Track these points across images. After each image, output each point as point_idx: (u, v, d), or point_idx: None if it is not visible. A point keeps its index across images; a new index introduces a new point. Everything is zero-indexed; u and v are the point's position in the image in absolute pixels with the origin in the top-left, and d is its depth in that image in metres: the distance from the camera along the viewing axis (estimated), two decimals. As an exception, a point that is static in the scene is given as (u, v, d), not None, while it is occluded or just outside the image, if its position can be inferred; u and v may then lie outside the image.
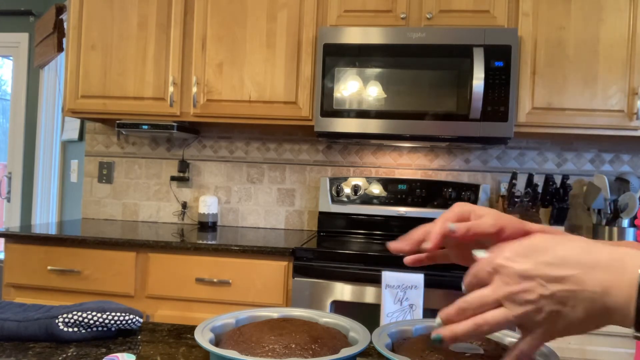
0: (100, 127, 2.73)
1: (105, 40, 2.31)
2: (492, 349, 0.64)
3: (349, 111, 2.07)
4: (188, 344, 0.83)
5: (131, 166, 2.70)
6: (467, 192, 2.30)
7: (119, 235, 2.05)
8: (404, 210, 2.34)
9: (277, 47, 2.20)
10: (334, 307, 1.83)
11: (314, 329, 0.67)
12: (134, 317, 0.86)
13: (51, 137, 3.19)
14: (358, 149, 2.52)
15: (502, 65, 1.98)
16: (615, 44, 2.02)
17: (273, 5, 2.20)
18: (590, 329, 0.45)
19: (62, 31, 2.74)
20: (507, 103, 1.98)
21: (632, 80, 2.01)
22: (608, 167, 2.36)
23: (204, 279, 1.93)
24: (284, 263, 1.90)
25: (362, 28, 2.07)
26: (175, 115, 2.27)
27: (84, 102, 2.33)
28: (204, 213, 2.49)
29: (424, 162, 2.47)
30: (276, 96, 2.20)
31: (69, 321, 0.81)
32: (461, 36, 2.01)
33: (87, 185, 2.73)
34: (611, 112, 2.02)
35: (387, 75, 2.04)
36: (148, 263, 1.97)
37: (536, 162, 2.41)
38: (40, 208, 3.20)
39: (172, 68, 2.26)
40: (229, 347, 0.63)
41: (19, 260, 2.03)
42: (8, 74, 4.31)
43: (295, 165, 2.57)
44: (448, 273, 1.77)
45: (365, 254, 1.83)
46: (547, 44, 2.05)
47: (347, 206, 2.38)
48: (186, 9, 2.27)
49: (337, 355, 0.59)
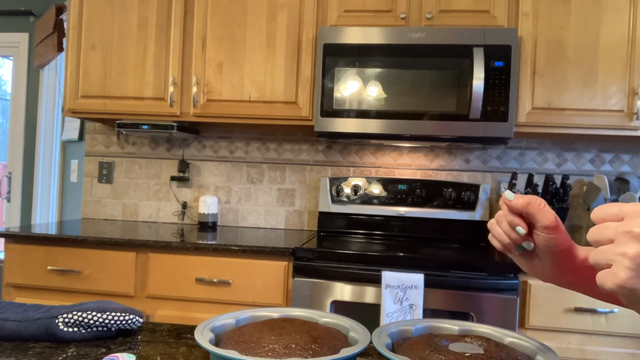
0: (100, 127, 2.73)
1: (105, 40, 2.31)
2: (492, 349, 0.64)
3: (349, 111, 2.07)
4: (188, 344, 0.83)
5: (131, 166, 2.70)
6: (467, 192, 2.30)
7: (119, 235, 2.05)
8: (404, 210, 2.34)
9: (277, 47, 2.20)
10: (334, 307, 1.83)
11: (314, 329, 0.67)
12: (134, 317, 0.86)
13: (51, 137, 3.19)
14: (358, 149, 2.52)
15: (502, 65, 1.98)
16: (615, 44, 2.02)
17: (273, 5, 2.20)
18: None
19: (62, 31, 2.74)
20: (507, 103, 1.98)
21: (632, 80, 2.01)
22: (608, 167, 2.36)
23: (204, 279, 1.93)
24: (284, 263, 1.90)
25: (362, 28, 2.07)
26: (175, 115, 2.27)
27: (84, 102, 2.33)
28: (204, 213, 2.49)
29: (424, 162, 2.47)
30: (276, 96, 2.20)
31: (69, 321, 0.81)
32: (461, 36, 2.01)
33: (87, 185, 2.73)
34: (611, 112, 2.02)
35: (387, 75, 2.04)
36: (148, 263, 1.97)
37: (536, 162, 2.41)
38: (40, 208, 3.20)
39: (172, 68, 2.26)
40: (229, 347, 0.63)
41: (19, 260, 2.03)
42: (8, 74, 4.31)
43: (295, 165, 2.57)
44: (448, 273, 1.77)
45: (365, 254, 1.83)
46: (547, 44, 2.05)
47: (347, 206, 2.38)
48: (186, 9, 2.27)
49: (337, 355, 0.59)
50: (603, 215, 0.49)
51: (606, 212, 0.49)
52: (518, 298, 1.74)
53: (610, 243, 0.47)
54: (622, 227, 0.46)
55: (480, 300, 1.74)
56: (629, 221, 0.47)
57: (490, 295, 1.74)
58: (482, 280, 1.75)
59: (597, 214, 0.50)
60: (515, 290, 1.74)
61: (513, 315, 1.73)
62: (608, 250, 0.47)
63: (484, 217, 2.29)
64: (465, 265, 1.77)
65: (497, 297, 1.74)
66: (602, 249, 0.48)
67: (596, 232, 0.49)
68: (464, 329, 0.73)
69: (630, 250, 0.45)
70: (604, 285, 0.47)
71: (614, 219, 0.48)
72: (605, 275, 0.47)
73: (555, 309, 1.75)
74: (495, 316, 1.74)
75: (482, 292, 1.75)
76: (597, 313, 1.74)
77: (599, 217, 0.50)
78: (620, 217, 0.48)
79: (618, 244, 0.46)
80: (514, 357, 0.62)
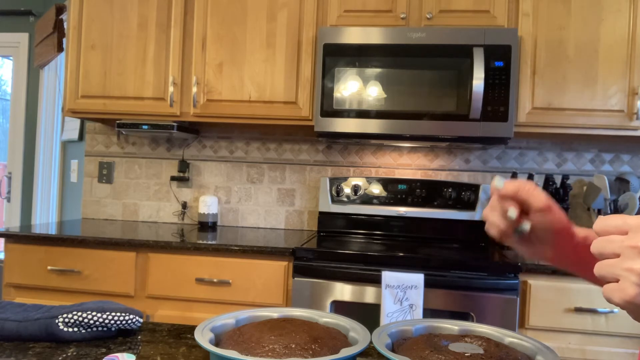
0: (100, 127, 2.73)
1: (105, 40, 2.31)
2: (492, 349, 0.64)
3: (349, 111, 2.07)
4: (188, 344, 0.83)
5: (131, 166, 2.70)
6: (467, 192, 2.30)
7: (119, 235, 2.05)
8: (404, 210, 2.34)
9: (277, 47, 2.20)
10: (334, 307, 1.83)
11: (314, 329, 0.67)
12: (134, 317, 0.86)
13: (51, 137, 3.19)
14: (358, 149, 2.52)
15: (502, 65, 1.98)
16: (615, 44, 2.02)
17: (273, 5, 2.20)
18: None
19: (62, 31, 2.74)
20: (507, 103, 1.98)
21: (632, 80, 2.01)
22: (608, 167, 2.36)
23: (204, 279, 1.93)
24: (284, 263, 1.90)
25: (362, 28, 2.07)
26: (175, 115, 2.27)
27: (84, 102, 2.33)
28: (204, 213, 2.49)
29: (424, 162, 2.47)
30: (276, 96, 2.20)
31: (69, 321, 0.81)
32: (461, 36, 2.01)
33: (87, 185, 2.73)
34: (611, 112, 2.02)
35: (387, 75, 2.04)
36: (148, 263, 1.97)
37: (536, 162, 2.41)
38: (40, 208, 3.20)
39: (172, 68, 2.26)
40: (229, 347, 0.63)
41: (19, 260, 2.03)
42: (8, 74, 4.31)
43: (295, 165, 2.57)
44: (448, 273, 1.77)
45: (365, 254, 1.83)
46: (547, 44, 2.05)
47: (347, 206, 2.38)
48: (186, 9, 2.27)
49: (337, 355, 0.59)
50: (606, 227, 0.49)
51: (609, 224, 0.48)
52: (518, 298, 1.74)
53: (615, 257, 0.47)
54: (628, 242, 0.46)
55: (480, 300, 1.74)
56: (634, 235, 0.46)
57: (490, 295, 1.74)
58: (482, 280, 1.75)
59: (600, 226, 0.49)
60: (515, 290, 1.74)
61: (513, 315, 1.73)
62: (615, 264, 0.46)
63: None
64: (465, 265, 1.77)
65: (497, 297, 1.74)
66: (608, 263, 0.47)
67: (601, 244, 0.48)
68: (464, 329, 0.73)
69: (637, 266, 0.45)
70: (612, 300, 0.46)
71: (617, 231, 0.48)
72: (612, 290, 0.46)
73: (555, 309, 1.75)
74: (495, 316, 1.74)
75: (482, 292, 1.75)
76: (597, 313, 1.74)
77: (602, 230, 0.49)
78: (624, 230, 0.47)
79: (624, 259, 0.46)
80: (514, 357, 0.62)
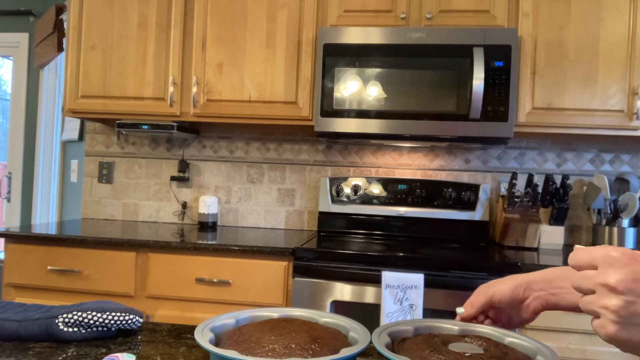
0: (100, 127, 2.73)
1: (105, 40, 2.31)
2: (492, 349, 0.64)
3: (349, 111, 2.07)
4: (188, 344, 0.83)
5: (131, 166, 2.70)
6: (467, 192, 2.30)
7: (119, 235, 2.05)
8: (404, 210, 2.34)
9: (277, 47, 2.20)
10: (334, 307, 1.83)
11: (314, 329, 0.67)
12: (134, 317, 0.86)
13: (51, 137, 3.19)
14: (358, 149, 2.52)
15: (502, 65, 1.98)
16: (615, 44, 2.02)
17: (273, 5, 2.20)
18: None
19: (62, 31, 2.74)
20: (507, 103, 1.98)
21: (632, 80, 2.01)
22: (608, 167, 2.36)
23: (204, 279, 1.93)
24: (284, 263, 1.90)
25: (362, 28, 2.07)
26: (175, 115, 2.27)
27: (84, 102, 2.33)
28: (204, 213, 2.49)
29: (424, 162, 2.47)
30: (276, 96, 2.20)
31: (69, 321, 0.81)
32: (461, 36, 2.01)
33: (87, 185, 2.73)
34: (611, 112, 2.02)
35: (387, 75, 2.04)
36: (148, 263, 1.97)
37: (536, 162, 2.41)
38: (40, 208, 3.20)
39: (172, 68, 2.26)
40: (229, 347, 0.63)
41: (19, 260, 2.03)
42: (8, 74, 4.31)
43: (295, 165, 2.57)
44: (448, 273, 1.77)
45: (365, 254, 1.83)
46: (547, 44, 2.05)
47: (347, 206, 2.38)
48: (186, 9, 2.27)
49: (337, 355, 0.59)
50: (578, 264, 0.50)
51: (579, 259, 0.50)
52: (518, 298, 1.73)
53: (592, 293, 0.49)
54: (599, 278, 0.47)
55: (480, 300, 1.74)
56: (603, 271, 0.47)
57: (490, 295, 1.74)
58: (482, 280, 1.75)
59: (572, 261, 0.51)
60: (515, 290, 1.74)
61: (513, 315, 1.73)
62: (593, 302, 0.48)
63: (484, 217, 2.29)
64: (465, 265, 1.77)
65: (497, 297, 1.74)
66: (588, 300, 0.49)
67: (577, 282, 0.50)
68: (464, 329, 0.73)
69: (610, 303, 0.46)
70: (599, 335, 0.48)
71: (588, 267, 0.49)
72: (597, 326, 0.48)
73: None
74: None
75: (482, 292, 1.74)
76: (597, 313, 1.73)
77: (575, 265, 0.51)
78: (594, 266, 0.49)
79: (599, 296, 0.47)
80: (514, 357, 0.62)
